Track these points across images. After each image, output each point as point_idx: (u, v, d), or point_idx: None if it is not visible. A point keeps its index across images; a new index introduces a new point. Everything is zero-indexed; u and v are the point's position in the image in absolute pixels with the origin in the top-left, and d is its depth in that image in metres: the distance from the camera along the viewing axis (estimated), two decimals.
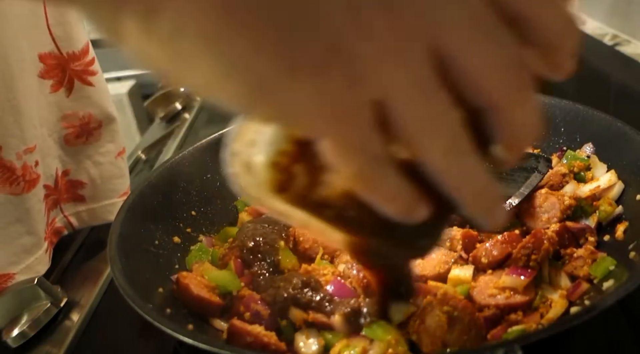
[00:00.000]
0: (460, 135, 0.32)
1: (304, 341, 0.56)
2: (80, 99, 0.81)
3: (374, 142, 0.32)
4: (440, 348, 0.52)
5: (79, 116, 0.81)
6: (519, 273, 0.57)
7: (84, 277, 0.79)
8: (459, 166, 0.33)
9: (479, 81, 0.32)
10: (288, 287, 0.58)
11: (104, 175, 0.85)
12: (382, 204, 0.34)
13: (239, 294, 0.62)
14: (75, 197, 0.84)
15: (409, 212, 0.35)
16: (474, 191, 0.35)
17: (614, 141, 0.71)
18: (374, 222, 0.37)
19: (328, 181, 0.38)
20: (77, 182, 0.84)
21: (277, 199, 0.39)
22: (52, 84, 0.78)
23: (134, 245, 0.65)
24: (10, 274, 0.72)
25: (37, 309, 0.68)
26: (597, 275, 0.58)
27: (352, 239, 0.43)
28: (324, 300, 0.57)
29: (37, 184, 0.74)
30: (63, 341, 0.67)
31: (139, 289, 0.57)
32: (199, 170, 0.80)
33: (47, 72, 0.77)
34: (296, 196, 0.39)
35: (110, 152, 0.86)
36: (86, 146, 0.83)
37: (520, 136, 0.35)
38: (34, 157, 0.73)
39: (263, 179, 0.39)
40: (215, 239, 0.75)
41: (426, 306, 0.53)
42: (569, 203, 0.65)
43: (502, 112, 0.33)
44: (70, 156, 0.82)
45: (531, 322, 0.54)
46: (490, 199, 0.36)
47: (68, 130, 0.81)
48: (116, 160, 0.87)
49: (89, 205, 0.86)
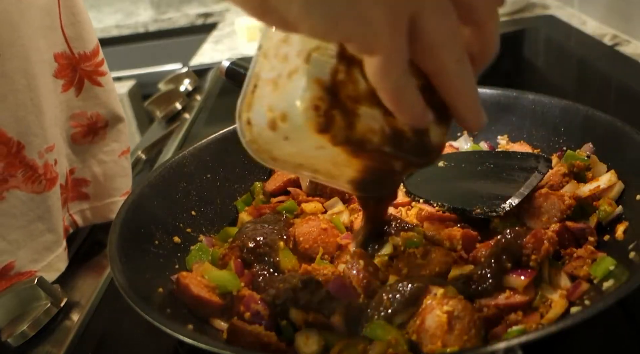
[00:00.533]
0: (464, 50, 0.43)
1: (304, 341, 0.56)
2: (89, 99, 0.82)
3: (407, 57, 0.41)
4: (440, 348, 0.52)
5: (87, 115, 0.82)
6: (519, 273, 0.57)
7: (84, 277, 0.79)
8: (465, 73, 0.44)
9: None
10: (288, 287, 0.58)
11: (107, 173, 0.86)
12: (403, 112, 0.43)
13: (239, 294, 0.62)
14: (79, 196, 0.85)
15: (422, 117, 0.44)
16: (472, 94, 0.46)
17: (614, 141, 0.71)
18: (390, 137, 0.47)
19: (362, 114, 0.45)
20: (81, 181, 0.85)
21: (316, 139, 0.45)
22: (64, 83, 0.79)
23: (134, 245, 0.65)
24: (32, 271, 0.73)
25: (37, 309, 0.69)
26: (597, 275, 0.58)
27: (359, 173, 0.51)
28: (324, 300, 0.57)
29: (56, 183, 0.75)
30: (63, 341, 0.67)
31: (139, 289, 0.57)
32: (199, 170, 0.80)
33: (60, 71, 0.78)
34: (337, 134, 0.45)
35: (114, 151, 0.86)
36: (92, 145, 0.84)
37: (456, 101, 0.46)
38: (53, 156, 0.74)
39: (302, 123, 0.44)
40: (215, 239, 0.75)
41: (426, 306, 0.53)
42: (569, 203, 0.65)
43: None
44: (77, 155, 0.83)
45: (531, 322, 0.54)
46: (479, 103, 0.46)
47: (76, 129, 0.82)
48: (119, 159, 0.87)
49: (93, 203, 0.86)
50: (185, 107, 1.36)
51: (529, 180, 0.67)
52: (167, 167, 0.77)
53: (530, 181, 0.67)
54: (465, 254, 0.62)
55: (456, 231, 0.64)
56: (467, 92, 0.45)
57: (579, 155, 0.73)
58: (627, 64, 1.25)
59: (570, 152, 0.74)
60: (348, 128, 0.45)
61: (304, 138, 0.46)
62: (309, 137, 0.45)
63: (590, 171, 0.72)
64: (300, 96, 0.44)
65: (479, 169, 0.73)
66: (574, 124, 0.77)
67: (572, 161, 0.72)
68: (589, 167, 0.72)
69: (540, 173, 0.68)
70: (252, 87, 0.48)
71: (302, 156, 0.50)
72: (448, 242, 0.63)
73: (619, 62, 1.28)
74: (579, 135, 0.76)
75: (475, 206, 0.67)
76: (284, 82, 0.46)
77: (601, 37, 1.42)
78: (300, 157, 0.50)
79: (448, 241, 0.63)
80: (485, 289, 0.56)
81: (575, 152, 0.74)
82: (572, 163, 0.72)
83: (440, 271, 0.60)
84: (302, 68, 0.45)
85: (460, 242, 0.63)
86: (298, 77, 0.45)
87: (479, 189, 0.70)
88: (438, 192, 0.71)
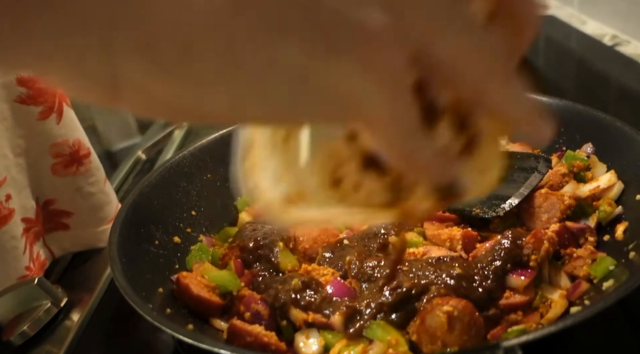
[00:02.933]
0: (499, 56, 0.33)
1: (304, 341, 0.56)
2: (70, 125, 0.75)
3: (415, 115, 0.31)
4: (440, 348, 0.52)
5: (69, 143, 0.75)
6: (519, 273, 0.57)
7: (84, 277, 0.79)
8: (510, 88, 0.33)
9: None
10: (288, 287, 0.58)
11: (94, 205, 0.80)
12: (422, 173, 0.34)
13: (239, 294, 0.62)
14: (57, 227, 0.79)
15: (445, 172, 0.34)
16: (523, 109, 0.35)
17: (614, 141, 0.71)
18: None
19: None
20: (62, 212, 0.78)
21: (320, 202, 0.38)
22: (41, 110, 0.71)
23: (134, 245, 0.65)
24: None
25: (37, 309, 0.68)
26: (597, 275, 0.58)
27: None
28: (324, 301, 0.57)
29: (8, 221, 0.68)
30: (63, 341, 0.67)
31: (139, 289, 0.57)
32: (199, 170, 0.80)
33: (32, 97, 0.70)
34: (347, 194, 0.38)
35: (99, 180, 0.80)
36: (76, 176, 0.77)
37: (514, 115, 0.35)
38: (3, 191, 0.67)
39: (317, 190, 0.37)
40: (215, 239, 0.75)
41: (426, 306, 0.53)
42: (568, 203, 0.65)
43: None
44: (57, 187, 0.76)
45: (531, 322, 0.54)
46: (537, 108, 0.35)
47: (57, 159, 0.75)
48: (104, 187, 0.81)
49: (74, 232, 0.80)
50: None
51: (528, 180, 0.67)
52: (167, 167, 0.77)
53: (530, 181, 0.67)
54: (465, 254, 0.62)
55: (456, 231, 0.64)
56: (518, 108, 0.35)
57: (579, 155, 0.73)
58: (627, 64, 1.25)
59: (570, 152, 0.74)
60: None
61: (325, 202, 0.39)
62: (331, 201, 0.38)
63: (590, 171, 0.72)
64: (308, 166, 0.37)
65: None
66: (574, 124, 0.77)
67: (571, 161, 0.72)
68: (588, 167, 0.72)
69: (540, 173, 0.68)
70: (249, 148, 0.41)
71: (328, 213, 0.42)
72: (448, 242, 0.63)
73: (619, 62, 1.28)
74: (578, 135, 0.76)
75: (475, 206, 0.67)
76: (280, 144, 0.39)
77: (601, 37, 1.42)
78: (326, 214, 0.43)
79: (448, 241, 0.63)
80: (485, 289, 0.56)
81: (575, 152, 0.74)
82: (571, 163, 0.72)
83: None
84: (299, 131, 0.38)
85: (460, 242, 0.63)
86: (296, 139, 0.38)
87: None
88: None
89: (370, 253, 0.62)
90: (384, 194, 0.38)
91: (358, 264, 0.60)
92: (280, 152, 0.39)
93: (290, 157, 0.38)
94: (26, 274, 0.71)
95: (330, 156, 0.37)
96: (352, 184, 0.37)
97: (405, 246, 0.61)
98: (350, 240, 0.66)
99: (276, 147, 0.39)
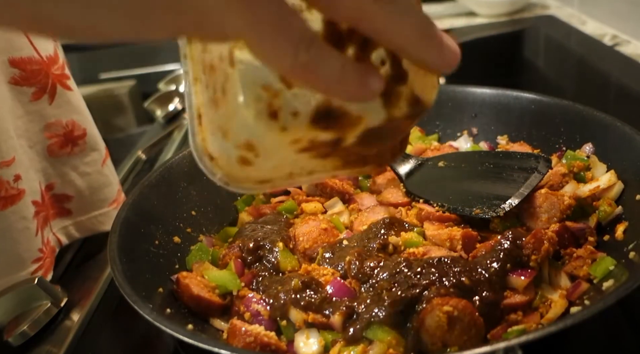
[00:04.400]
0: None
1: (304, 341, 0.56)
2: (63, 105, 0.76)
3: (297, 20, 0.30)
4: (440, 348, 0.52)
5: (63, 123, 0.76)
6: (519, 273, 0.57)
7: (84, 277, 0.79)
8: (395, 6, 0.32)
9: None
10: (288, 288, 0.58)
11: (92, 186, 0.81)
12: (333, 89, 0.33)
13: (239, 294, 0.62)
14: (61, 212, 0.80)
15: (363, 88, 0.33)
16: (416, 30, 0.33)
17: (614, 141, 0.71)
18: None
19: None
20: (62, 196, 0.79)
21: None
22: (34, 91, 0.73)
23: (134, 245, 0.65)
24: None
25: (37, 309, 0.68)
26: (597, 275, 0.58)
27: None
28: (324, 301, 0.57)
29: (17, 201, 0.69)
30: (63, 341, 0.67)
31: (139, 289, 0.57)
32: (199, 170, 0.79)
33: (25, 78, 0.71)
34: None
35: (95, 160, 0.81)
36: (71, 156, 0.78)
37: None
38: (11, 171, 0.68)
39: (262, 131, 0.38)
40: (215, 239, 0.75)
41: (426, 306, 0.53)
42: (568, 203, 0.65)
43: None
44: (55, 169, 0.77)
45: (531, 322, 0.54)
46: (433, 34, 0.34)
47: (52, 140, 0.76)
48: (102, 168, 0.82)
49: (76, 218, 0.81)
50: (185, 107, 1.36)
51: (528, 180, 0.67)
52: (167, 167, 0.77)
53: (530, 181, 0.67)
54: (465, 254, 0.62)
55: (456, 231, 0.64)
56: (408, 29, 0.33)
57: (579, 155, 0.73)
58: (627, 64, 1.25)
59: (570, 152, 0.75)
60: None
61: (274, 144, 0.40)
62: (278, 140, 0.39)
63: (590, 171, 0.72)
64: (244, 104, 0.38)
65: (479, 169, 0.73)
66: (574, 124, 0.77)
67: (571, 161, 0.72)
68: (588, 167, 0.72)
69: (540, 173, 0.68)
70: (198, 120, 0.42)
71: (286, 164, 0.43)
72: (448, 242, 0.63)
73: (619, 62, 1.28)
74: (578, 135, 0.76)
75: (475, 206, 0.67)
76: (221, 97, 0.40)
77: (601, 37, 1.42)
78: (286, 166, 0.44)
79: (448, 241, 0.63)
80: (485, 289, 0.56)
81: (575, 152, 0.74)
82: (572, 163, 0.72)
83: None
84: (231, 73, 0.38)
85: (460, 242, 0.63)
86: (232, 85, 0.39)
87: (479, 189, 0.70)
88: (438, 192, 0.71)
89: (370, 253, 0.62)
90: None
91: (358, 264, 0.60)
92: (222, 105, 0.40)
93: (229, 106, 0.39)
94: (40, 256, 0.72)
95: (262, 88, 0.37)
96: (291, 111, 0.38)
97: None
98: (350, 240, 0.66)
99: (217, 102, 0.40)
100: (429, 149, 0.84)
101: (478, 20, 1.74)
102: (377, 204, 0.75)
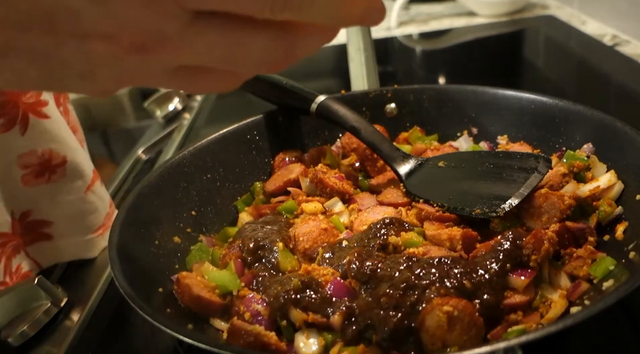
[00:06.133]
0: None
1: (304, 341, 0.56)
2: (38, 135, 0.72)
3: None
4: (440, 348, 0.52)
5: (38, 153, 0.72)
6: (519, 273, 0.57)
7: (84, 277, 0.79)
8: None
9: None
10: (288, 288, 0.58)
11: (72, 213, 0.77)
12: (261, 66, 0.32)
13: (239, 294, 0.62)
14: (40, 237, 0.77)
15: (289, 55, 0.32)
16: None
17: (614, 141, 0.71)
18: None
19: None
20: (41, 222, 0.76)
21: None
22: (2, 123, 0.69)
23: (134, 245, 0.65)
24: None
25: (37, 309, 0.69)
26: (597, 275, 0.58)
27: None
28: (324, 301, 0.57)
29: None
30: (63, 341, 0.67)
31: (139, 289, 0.57)
32: (199, 170, 0.80)
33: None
34: None
35: (78, 187, 0.77)
36: (49, 185, 0.75)
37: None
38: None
39: None
40: (215, 239, 0.75)
41: (426, 306, 0.53)
42: (568, 203, 0.65)
43: None
44: (30, 197, 0.74)
45: (531, 322, 0.54)
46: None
47: (26, 171, 0.72)
48: (86, 195, 0.78)
49: (58, 242, 0.78)
50: (185, 107, 1.37)
51: (528, 180, 0.67)
52: (167, 167, 0.77)
53: (530, 181, 0.67)
54: (465, 254, 0.62)
55: (456, 231, 0.64)
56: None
57: (579, 155, 0.73)
58: (627, 64, 1.25)
59: (570, 152, 0.74)
60: None
61: None
62: None
63: (590, 171, 0.72)
64: None
65: (479, 169, 0.73)
66: (574, 124, 0.77)
67: (571, 161, 0.72)
68: (588, 167, 0.72)
69: (540, 173, 0.68)
70: None
71: None
72: (448, 242, 0.63)
73: (619, 62, 1.28)
74: (578, 135, 0.76)
75: (475, 206, 0.67)
76: None
77: (601, 37, 1.42)
78: None
79: (448, 241, 0.63)
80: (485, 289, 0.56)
81: (575, 152, 0.74)
82: (571, 163, 0.72)
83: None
84: None
85: (460, 242, 0.63)
86: None
87: (479, 189, 0.70)
88: (438, 193, 0.71)
89: (370, 253, 0.62)
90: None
91: (358, 264, 0.60)
92: None
93: None
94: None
95: None
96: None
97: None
98: (350, 240, 0.66)
99: None
100: (429, 149, 0.84)
101: (478, 20, 1.74)
102: (377, 204, 0.75)
